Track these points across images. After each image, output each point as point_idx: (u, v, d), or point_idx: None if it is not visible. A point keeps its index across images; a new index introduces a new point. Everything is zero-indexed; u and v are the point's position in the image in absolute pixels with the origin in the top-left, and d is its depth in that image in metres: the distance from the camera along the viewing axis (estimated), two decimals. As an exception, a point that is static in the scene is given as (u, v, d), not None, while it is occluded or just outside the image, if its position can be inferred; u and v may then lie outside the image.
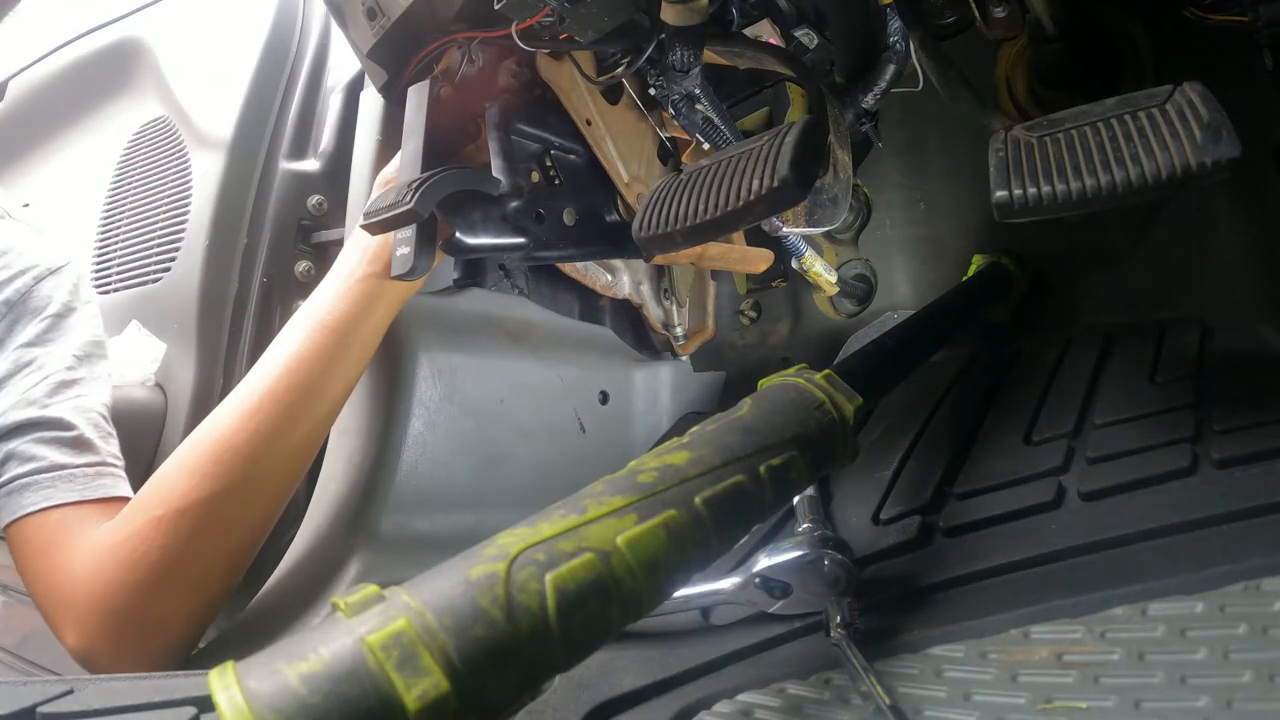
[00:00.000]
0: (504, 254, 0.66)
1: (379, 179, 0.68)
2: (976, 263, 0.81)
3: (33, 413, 0.63)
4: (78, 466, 0.62)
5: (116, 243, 1.00)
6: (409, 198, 0.54)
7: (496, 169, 0.62)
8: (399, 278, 0.58)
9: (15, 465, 0.61)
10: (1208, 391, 0.55)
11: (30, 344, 0.66)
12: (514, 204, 0.63)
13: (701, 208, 0.47)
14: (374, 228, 0.57)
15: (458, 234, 0.59)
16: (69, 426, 0.64)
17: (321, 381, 0.60)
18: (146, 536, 0.55)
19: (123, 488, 0.64)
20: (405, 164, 0.62)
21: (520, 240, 0.64)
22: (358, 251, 0.63)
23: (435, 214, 0.56)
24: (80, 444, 0.63)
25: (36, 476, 0.60)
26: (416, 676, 0.25)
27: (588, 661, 0.31)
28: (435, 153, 0.62)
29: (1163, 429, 0.51)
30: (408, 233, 0.58)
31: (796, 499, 0.57)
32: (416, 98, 0.63)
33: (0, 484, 0.60)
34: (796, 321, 0.96)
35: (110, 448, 0.66)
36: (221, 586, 0.59)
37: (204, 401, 0.84)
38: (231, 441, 0.57)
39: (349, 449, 0.66)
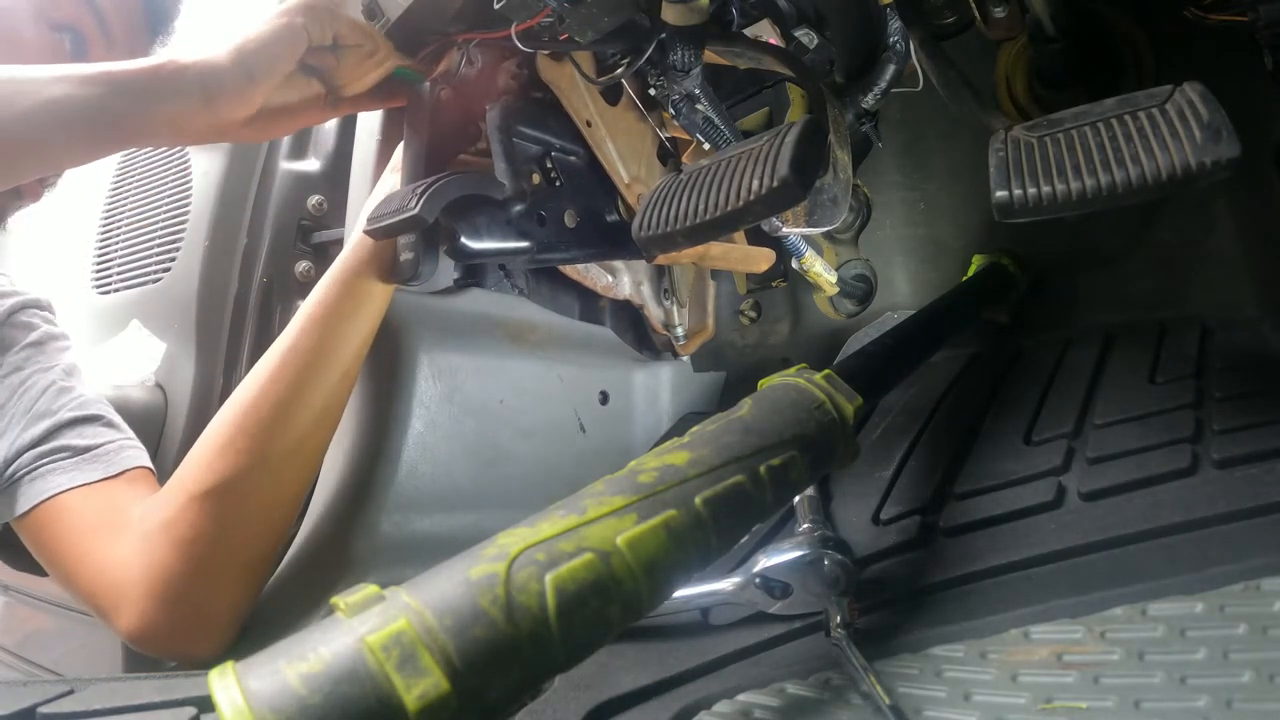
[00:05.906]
0: (507, 258, 0.65)
1: (379, 185, 0.68)
2: (976, 263, 0.81)
3: (46, 423, 0.64)
4: (99, 445, 0.63)
5: (117, 242, 1.00)
6: (414, 203, 0.53)
7: (500, 172, 0.62)
8: (405, 283, 0.58)
9: (38, 459, 0.62)
10: (1208, 391, 0.55)
11: (19, 368, 0.68)
12: (518, 208, 0.63)
13: (701, 208, 0.47)
14: (378, 233, 0.57)
15: (463, 239, 0.59)
16: (79, 421, 0.65)
17: (310, 375, 0.60)
18: (192, 518, 0.56)
19: (144, 458, 0.65)
20: (408, 168, 0.61)
21: (524, 244, 0.64)
22: (351, 250, 0.63)
23: (439, 218, 0.56)
24: (96, 429, 0.65)
25: (61, 461, 0.61)
26: (416, 676, 0.25)
27: (588, 661, 0.31)
28: (436, 156, 0.62)
29: (1163, 429, 0.51)
30: (411, 237, 0.58)
31: (796, 499, 0.57)
32: (418, 100, 0.63)
33: (25, 474, 0.61)
34: (796, 321, 0.96)
35: (126, 429, 0.68)
36: (266, 565, 0.60)
37: (204, 401, 0.84)
38: (257, 414, 0.58)
39: (349, 448, 0.66)
